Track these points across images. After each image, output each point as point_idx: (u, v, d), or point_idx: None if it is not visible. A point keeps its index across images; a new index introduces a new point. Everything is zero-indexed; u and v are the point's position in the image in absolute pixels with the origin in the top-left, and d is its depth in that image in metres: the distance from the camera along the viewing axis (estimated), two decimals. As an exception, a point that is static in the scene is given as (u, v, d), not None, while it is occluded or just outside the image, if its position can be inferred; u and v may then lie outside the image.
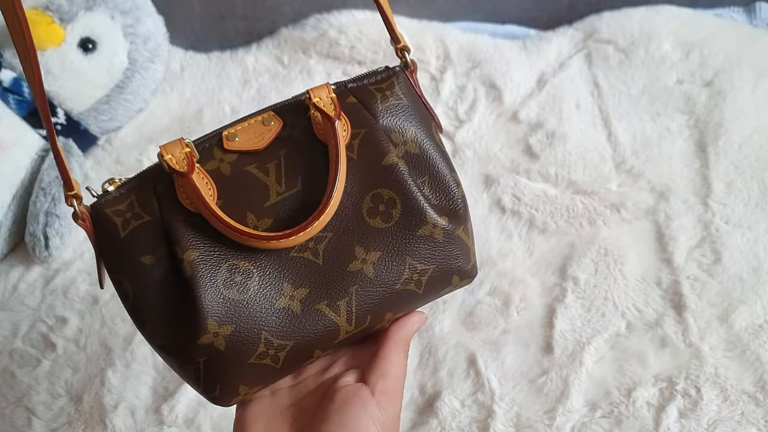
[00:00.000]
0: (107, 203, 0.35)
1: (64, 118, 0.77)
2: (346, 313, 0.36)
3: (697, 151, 0.74)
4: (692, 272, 0.64)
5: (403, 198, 0.36)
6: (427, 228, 0.36)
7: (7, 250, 0.74)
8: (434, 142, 0.38)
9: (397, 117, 0.37)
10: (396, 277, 0.36)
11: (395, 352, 0.38)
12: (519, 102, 0.81)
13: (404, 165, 0.36)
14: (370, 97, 0.37)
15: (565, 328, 0.62)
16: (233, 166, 0.35)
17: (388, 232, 0.36)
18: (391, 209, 0.36)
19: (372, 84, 0.38)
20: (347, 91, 0.37)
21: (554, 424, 0.56)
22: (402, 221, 0.36)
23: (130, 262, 0.34)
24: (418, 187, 0.36)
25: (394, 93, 0.38)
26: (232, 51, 0.91)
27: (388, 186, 0.36)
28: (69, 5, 0.75)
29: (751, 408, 0.56)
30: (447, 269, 0.38)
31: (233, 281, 0.34)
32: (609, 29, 0.85)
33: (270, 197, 0.35)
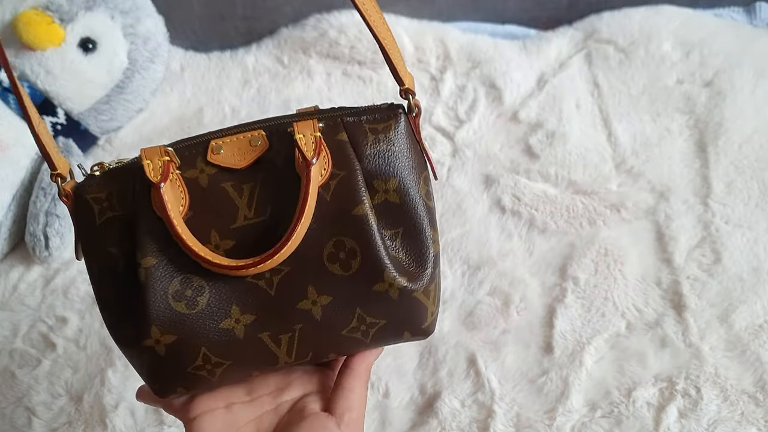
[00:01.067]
0: (89, 188, 0.36)
1: (64, 118, 0.77)
2: (287, 347, 0.36)
3: (697, 151, 0.74)
4: (692, 272, 0.64)
5: (364, 251, 0.35)
6: (383, 285, 0.35)
7: (8, 250, 0.74)
8: (419, 195, 0.37)
9: (385, 163, 0.36)
10: (343, 324, 0.36)
11: (359, 384, 0.38)
12: (519, 102, 0.81)
13: (375, 218, 0.35)
14: (363, 137, 0.36)
15: (565, 328, 0.62)
16: (211, 179, 0.35)
17: (344, 281, 0.35)
18: (350, 259, 0.35)
19: (369, 122, 0.37)
20: (341, 124, 0.36)
21: (554, 424, 0.56)
22: (359, 273, 0.35)
23: (100, 249, 0.36)
24: (384, 242, 0.36)
25: (388, 137, 0.36)
26: (232, 51, 0.91)
27: (352, 236, 0.35)
28: (69, 5, 0.75)
29: (751, 408, 0.56)
30: (398, 325, 0.37)
31: (184, 295, 0.35)
32: (609, 29, 0.85)
33: (237, 220, 0.35)
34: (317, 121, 0.36)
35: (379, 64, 0.86)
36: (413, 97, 0.38)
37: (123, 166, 0.36)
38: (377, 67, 0.86)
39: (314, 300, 0.35)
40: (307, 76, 0.86)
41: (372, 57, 0.86)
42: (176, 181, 0.35)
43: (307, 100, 0.84)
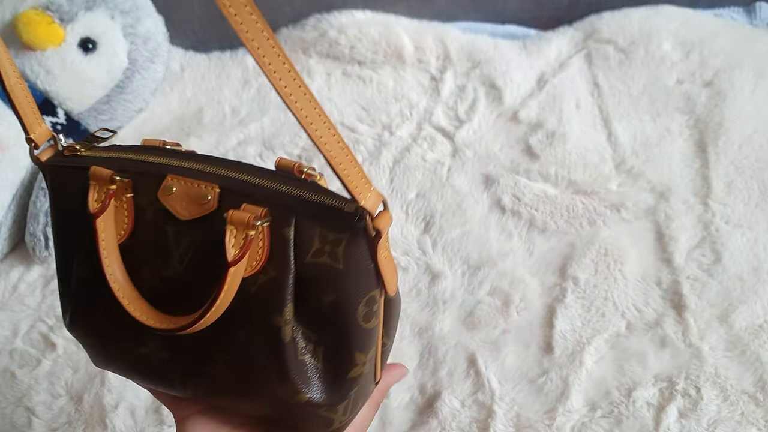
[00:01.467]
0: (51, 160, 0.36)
1: (65, 118, 0.77)
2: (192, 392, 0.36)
3: (697, 151, 0.74)
4: (692, 272, 0.64)
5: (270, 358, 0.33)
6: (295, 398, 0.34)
7: (8, 250, 0.74)
8: (355, 317, 0.34)
9: (324, 277, 0.32)
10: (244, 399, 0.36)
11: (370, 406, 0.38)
12: (519, 102, 0.81)
13: (291, 329, 0.33)
14: (309, 242, 0.32)
15: (565, 328, 0.62)
16: (156, 216, 0.34)
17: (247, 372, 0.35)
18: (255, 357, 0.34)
19: (322, 226, 0.32)
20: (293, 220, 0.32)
21: (554, 424, 0.56)
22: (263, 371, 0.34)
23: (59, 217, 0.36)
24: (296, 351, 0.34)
25: (335, 254, 0.32)
26: (232, 51, 0.91)
27: (263, 338, 0.33)
28: (69, 5, 0.75)
29: (751, 408, 0.56)
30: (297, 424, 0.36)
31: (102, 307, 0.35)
32: (609, 29, 0.85)
33: (168, 269, 0.34)
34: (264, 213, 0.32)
35: (379, 64, 0.86)
36: (372, 219, 0.31)
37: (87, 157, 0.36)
38: (377, 67, 0.86)
39: (221, 371, 0.35)
40: (307, 76, 0.86)
41: (372, 57, 0.86)
42: (124, 204, 0.34)
43: (307, 100, 0.83)
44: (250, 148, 0.79)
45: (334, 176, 0.29)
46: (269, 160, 0.78)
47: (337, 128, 0.32)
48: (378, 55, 0.86)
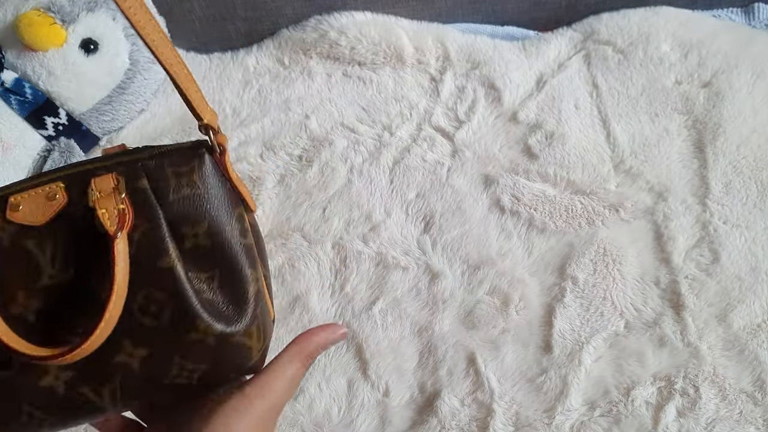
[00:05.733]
0: None
1: (66, 118, 0.77)
2: (110, 398, 0.35)
3: (695, 151, 0.74)
4: (690, 272, 0.65)
5: (174, 302, 0.34)
6: (198, 334, 0.34)
7: (9, 250, 0.74)
8: (233, 234, 0.35)
9: (191, 207, 0.34)
10: (163, 373, 0.35)
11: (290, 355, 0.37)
12: (518, 103, 0.81)
13: (183, 266, 0.34)
14: (165, 182, 0.34)
15: (564, 328, 0.62)
16: (12, 238, 0.34)
17: (158, 332, 0.34)
18: (162, 310, 0.34)
19: (171, 165, 0.35)
20: (142, 170, 0.34)
21: (553, 422, 0.56)
22: (172, 324, 0.34)
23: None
24: (195, 288, 0.35)
25: (192, 181, 0.35)
26: (233, 52, 0.91)
27: (161, 288, 0.34)
28: (71, 6, 0.75)
29: (750, 407, 0.56)
30: (221, 369, 0.36)
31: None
32: (608, 30, 0.86)
33: (42, 278, 0.33)
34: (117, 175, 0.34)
35: (379, 65, 0.86)
36: (215, 133, 0.36)
37: None
38: (377, 68, 0.86)
39: (131, 353, 0.34)
40: (308, 77, 0.86)
41: (372, 58, 0.86)
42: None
43: (308, 100, 0.84)
44: (251, 149, 0.80)
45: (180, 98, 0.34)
46: (270, 161, 0.79)
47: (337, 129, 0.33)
48: (378, 56, 0.86)
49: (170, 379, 0.35)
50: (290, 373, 0.37)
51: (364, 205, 0.73)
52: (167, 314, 0.34)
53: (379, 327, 0.64)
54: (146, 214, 0.34)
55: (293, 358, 0.37)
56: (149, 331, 0.34)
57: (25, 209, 0.34)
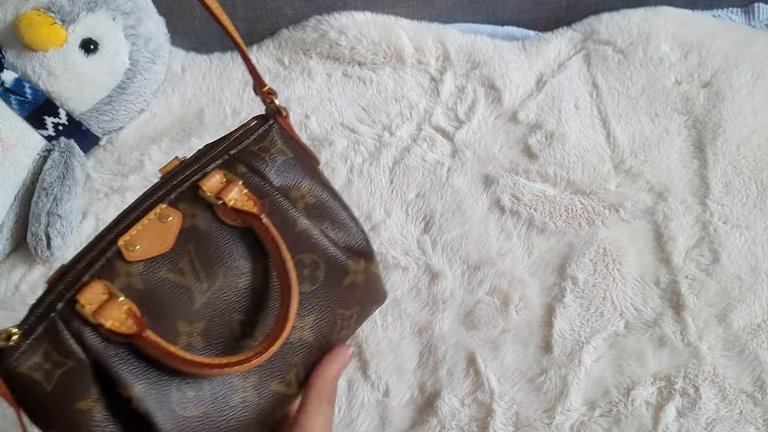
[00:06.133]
0: (18, 360, 0.30)
1: (66, 118, 0.77)
2: (297, 381, 0.36)
3: (695, 151, 0.74)
4: (690, 272, 0.65)
5: (322, 257, 0.35)
6: (350, 276, 0.36)
7: (9, 250, 0.74)
8: (325, 186, 0.38)
9: (289, 174, 0.36)
10: (331, 329, 0.36)
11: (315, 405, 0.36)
12: (518, 103, 0.81)
13: (310, 222, 0.36)
14: (259, 161, 0.35)
15: (564, 328, 0.62)
16: (143, 277, 0.32)
17: (317, 293, 0.35)
18: (315, 271, 0.35)
19: (253, 144, 0.36)
20: (233, 160, 0.35)
21: (553, 423, 0.57)
22: (327, 279, 0.36)
23: (65, 413, 0.30)
24: (329, 239, 0.36)
25: (279, 149, 0.36)
26: (233, 52, 0.91)
27: (306, 251, 0.35)
28: (71, 6, 0.75)
29: (750, 407, 0.56)
30: (369, 304, 0.39)
31: (186, 398, 0.32)
32: (608, 30, 0.86)
33: (195, 299, 0.32)
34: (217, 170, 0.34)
35: (379, 65, 0.86)
36: (276, 98, 0.37)
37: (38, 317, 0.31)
38: (377, 68, 0.86)
39: (301, 326, 0.35)
40: (308, 77, 0.86)
41: (372, 58, 0.86)
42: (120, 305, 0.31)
43: (308, 100, 0.84)
44: (250, 149, 0.80)
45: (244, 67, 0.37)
46: (270, 161, 0.78)
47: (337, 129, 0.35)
48: (378, 56, 0.86)
49: (336, 333, 0.36)
50: (321, 422, 0.36)
51: (364, 205, 0.73)
52: (321, 272, 0.35)
53: (379, 327, 0.64)
54: (260, 192, 0.35)
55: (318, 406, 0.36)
56: (310, 296, 0.35)
57: (143, 245, 0.32)
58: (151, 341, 0.30)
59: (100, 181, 0.79)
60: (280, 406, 0.36)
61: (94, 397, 0.31)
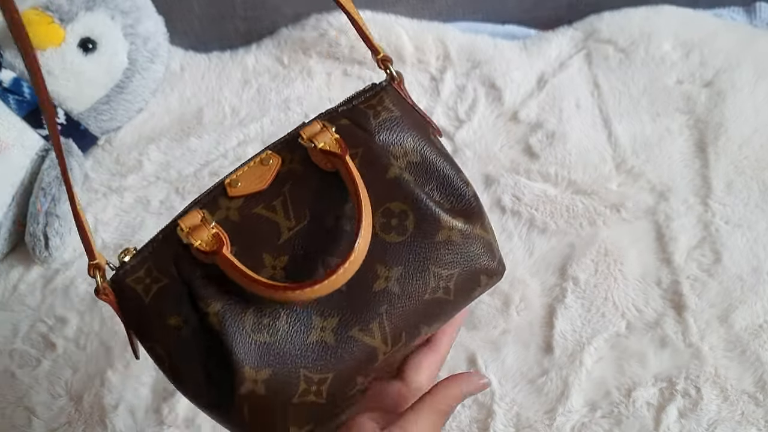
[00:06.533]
0: (126, 273, 0.35)
1: (64, 118, 0.77)
2: (381, 334, 0.35)
3: (696, 151, 0.74)
4: (692, 272, 0.64)
5: (413, 208, 0.36)
6: (444, 233, 0.36)
7: (8, 250, 0.74)
8: (434, 147, 0.38)
9: (393, 130, 0.37)
10: (423, 288, 0.36)
11: (426, 414, 0.35)
12: (519, 102, 0.81)
13: (409, 175, 0.36)
14: (362, 116, 0.37)
15: (565, 328, 0.62)
16: (241, 211, 0.35)
17: (406, 245, 0.35)
18: (404, 221, 0.35)
19: (362, 103, 0.38)
20: (339, 115, 0.37)
21: (554, 424, 0.56)
22: (417, 231, 0.35)
23: (158, 327, 0.34)
24: (426, 194, 0.36)
25: (385, 107, 0.38)
26: (232, 51, 0.91)
27: (396, 199, 0.36)
28: (69, 5, 0.75)
29: (751, 408, 0.56)
30: (472, 270, 0.37)
31: (261, 324, 0.34)
32: (609, 29, 0.85)
33: (282, 234, 0.35)
34: (320, 121, 0.36)
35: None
36: (391, 64, 0.39)
37: (150, 241, 0.36)
38: (377, 67, 0.86)
39: (387, 276, 0.35)
40: (307, 76, 0.86)
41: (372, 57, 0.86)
42: (214, 230, 0.35)
43: (307, 99, 0.84)
44: (249, 148, 0.79)
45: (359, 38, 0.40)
46: (269, 160, 0.78)
47: None
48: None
49: (431, 294, 0.36)
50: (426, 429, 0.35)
51: (364, 205, 0.73)
52: (411, 223, 0.35)
53: (379, 328, 0.64)
54: (357, 141, 0.36)
55: (429, 415, 0.35)
56: (398, 246, 0.35)
57: (244, 183, 0.36)
58: (227, 259, 0.33)
59: (99, 181, 0.78)
60: (361, 364, 0.35)
61: (183, 316, 0.34)
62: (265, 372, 0.33)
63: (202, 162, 0.79)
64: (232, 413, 0.34)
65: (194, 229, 0.34)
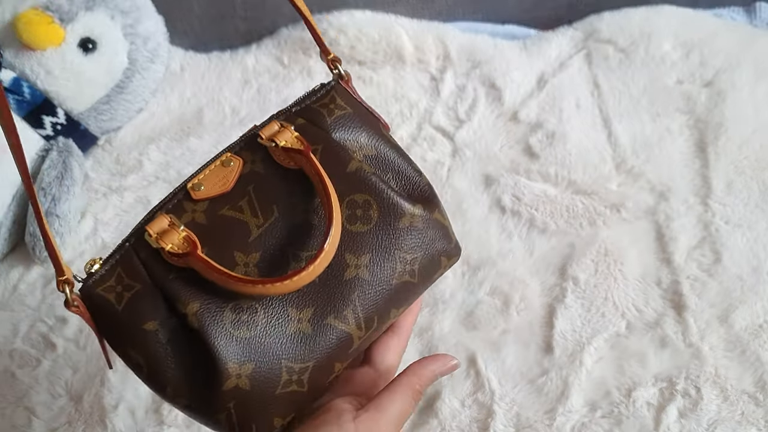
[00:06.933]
0: (95, 283, 0.35)
1: (64, 118, 0.77)
2: (354, 320, 0.36)
3: (696, 151, 0.74)
4: (692, 272, 0.64)
5: (376, 198, 0.37)
6: (406, 219, 0.38)
7: (7, 250, 0.74)
8: (387, 141, 0.40)
9: (347, 127, 0.39)
10: (391, 273, 0.37)
11: (401, 393, 0.37)
12: (519, 102, 0.81)
13: (368, 167, 0.38)
14: (317, 115, 0.38)
15: (565, 328, 0.62)
16: (207, 213, 0.36)
17: (372, 233, 0.37)
18: (368, 211, 0.37)
19: (314, 103, 0.39)
20: (294, 115, 0.39)
21: (554, 424, 0.56)
22: (381, 220, 0.37)
23: (134, 333, 0.34)
24: (386, 184, 0.38)
25: (338, 105, 0.39)
26: (232, 51, 0.91)
27: (359, 190, 0.37)
28: (69, 5, 0.75)
29: (751, 408, 0.56)
30: (433, 253, 0.39)
31: (240, 320, 0.34)
32: (609, 29, 0.85)
33: (251, 232, 0.36)
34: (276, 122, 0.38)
35: (379, 64, 0.86)
36: (340, 64, 0.41)
37: (117, 248, 0.36)
38: (377, 67, 0.86)
39: (356, 264, 0.36)
40: (307, 76, 0.86)
41: (372, 57, 0.86)
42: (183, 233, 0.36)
43: (307, 100, 0.83)
44: (250, 148, 0.79)
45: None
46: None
47: None
48: (378, 55, 0.86)
49: (398, 278, 0.37)
50: (399, 410, 0.36)
51: (364, 205, 0.73)
52: (375, 212, 0.37)
53: (379, 327, 0.64)
54: (316, 139, 0.38)
55: (403, 393, 0.37)
56: (364, 235, 0.37)
57: (207, 186, 0.37)
58: (202, 259, 0.34)
59: (99, 181, 0.78)
60: (338, 350, 0.36)
61: (159, 320, 0.34)
62: (248, 366, 0.34)
63: (202, 162, 0.78)
64: (216, 411, 0.34)
65: (163, 234, 0.35)
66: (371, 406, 0.36)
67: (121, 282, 0.35)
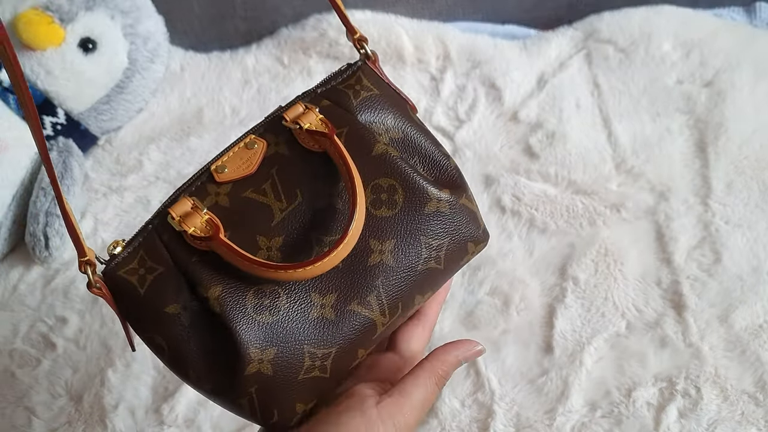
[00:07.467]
0: (118, 266, 0.35)
1: (64, 118, 0.77)
2: (378, 306, 0.36)
3: (696, 151, 0.74)
4: (692, 272, 0.64)
5: (401, 182, 0.36)
6: (432, 204, 0.37)
7: (7, 250, 0.74)
8: (414, 123, 0.39)
9: (373, 108, 0.38)
10: (416, 259, 0.37)
11: (425, 378, 0.36)
12: (519, 102, 0.81)
13: (394, 151, 0.37)
14: (343, 96, 0.38)
15: (565, 328, 0.62)
16: (230, 196, 0.36)
17: (397, 218, 0.36)
18: (393, 196, 0.36)
19: (340, 84, 0.38)
20: (319, 96, 0.38)
21: (554, 424, 0.56)
22: (407, 204, 0.36)
23: (156, 316, 0.34)
24: (412, 168, 0.37)
25: (364, 86, 0.38)
26: (232, 51, 0.91)
27: (384, 174, 0.36)
28: (69, 5, 0.75)
29: (751, 408, 0.56)
30: (460, 239, 0.38)
31: (263, 305, 0.34)
32: (609, 29, 0.85)
33: (275, 216, 0.36)
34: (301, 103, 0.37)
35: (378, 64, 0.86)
36: (366, 44, 0.40)
37: (140, 230, 0.36)
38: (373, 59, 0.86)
39: (380, 250, 0.36)
40: (307, 76, 0.86)
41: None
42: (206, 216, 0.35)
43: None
44: (250, 148, 0.79)
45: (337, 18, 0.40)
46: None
47: None
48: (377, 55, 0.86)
49: (423, 264, 0.37)
50: (422, 395, 0.36)
51: (364, 204, 0.73)
52: (400, 197, 0.36)
53: (379, 327, 0.64)
54: (341, 121, 0.37)
55: (426, 378, 0.37)
56: (389, 220, 0.36)
57: (231, 168, 0.36)
58: (224, 243, 0.33)
59: (99, 181, 0.78)
60: (362, 336, 0.36)
61: (182, 303, 0.34)
62: (271, 351, 0.34)
63: (202, 162, 0.79)
64: (238, 395, 0.34)
65: (186, 216, 0.35)
66: (395, 391, 0.36)
67: (143, 264, 0.35)
